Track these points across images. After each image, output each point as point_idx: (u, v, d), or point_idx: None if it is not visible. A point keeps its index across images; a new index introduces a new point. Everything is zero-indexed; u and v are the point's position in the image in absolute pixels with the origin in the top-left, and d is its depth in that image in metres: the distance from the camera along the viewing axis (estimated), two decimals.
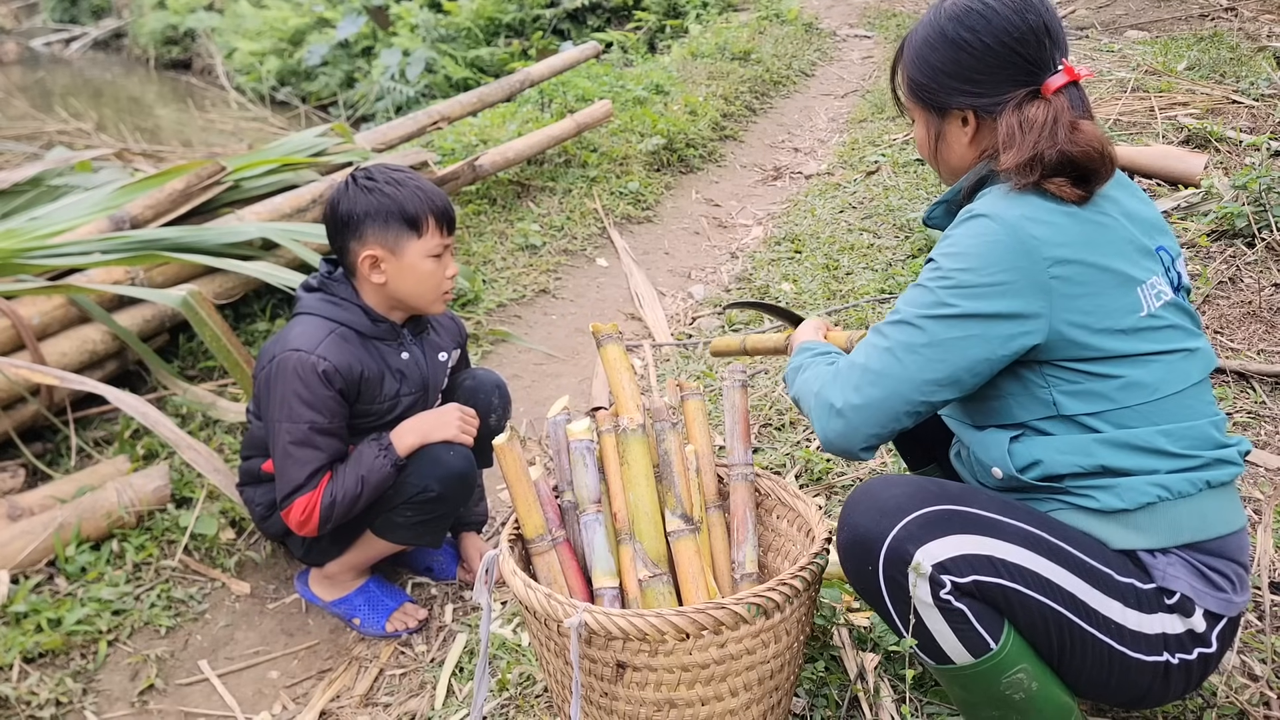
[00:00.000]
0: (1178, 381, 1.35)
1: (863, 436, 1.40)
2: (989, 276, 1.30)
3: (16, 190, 3.62)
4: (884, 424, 1.39)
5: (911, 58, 1.48)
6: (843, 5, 9.68)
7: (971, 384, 1.36)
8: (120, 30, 15.66)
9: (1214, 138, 4.08)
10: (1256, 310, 2.90)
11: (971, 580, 1.28)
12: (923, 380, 1.35)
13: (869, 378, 1.38)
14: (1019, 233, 1.30)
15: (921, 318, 1.35)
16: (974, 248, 1.32)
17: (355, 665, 2.19)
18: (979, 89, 1.41)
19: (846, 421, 1.40)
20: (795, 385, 1.56)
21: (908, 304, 1.38)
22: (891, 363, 1.37)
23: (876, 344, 1.40)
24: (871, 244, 4.00)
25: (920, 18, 1.50)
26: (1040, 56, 1.38)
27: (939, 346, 1.34)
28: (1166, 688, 1.35)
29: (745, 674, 1.49)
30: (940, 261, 1.36)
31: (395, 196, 1.98)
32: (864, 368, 1.39)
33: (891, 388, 1.36)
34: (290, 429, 1.96)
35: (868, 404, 1.38)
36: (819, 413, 1.44)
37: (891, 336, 1.38)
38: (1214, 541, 1.34)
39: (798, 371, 1.57)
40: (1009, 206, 1.33)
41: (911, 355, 1.35)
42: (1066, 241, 1.31)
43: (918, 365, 1.35)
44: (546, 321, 3.77)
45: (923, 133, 1.53)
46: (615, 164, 5.06)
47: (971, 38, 1.39)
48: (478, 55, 9.21)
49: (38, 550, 2.29)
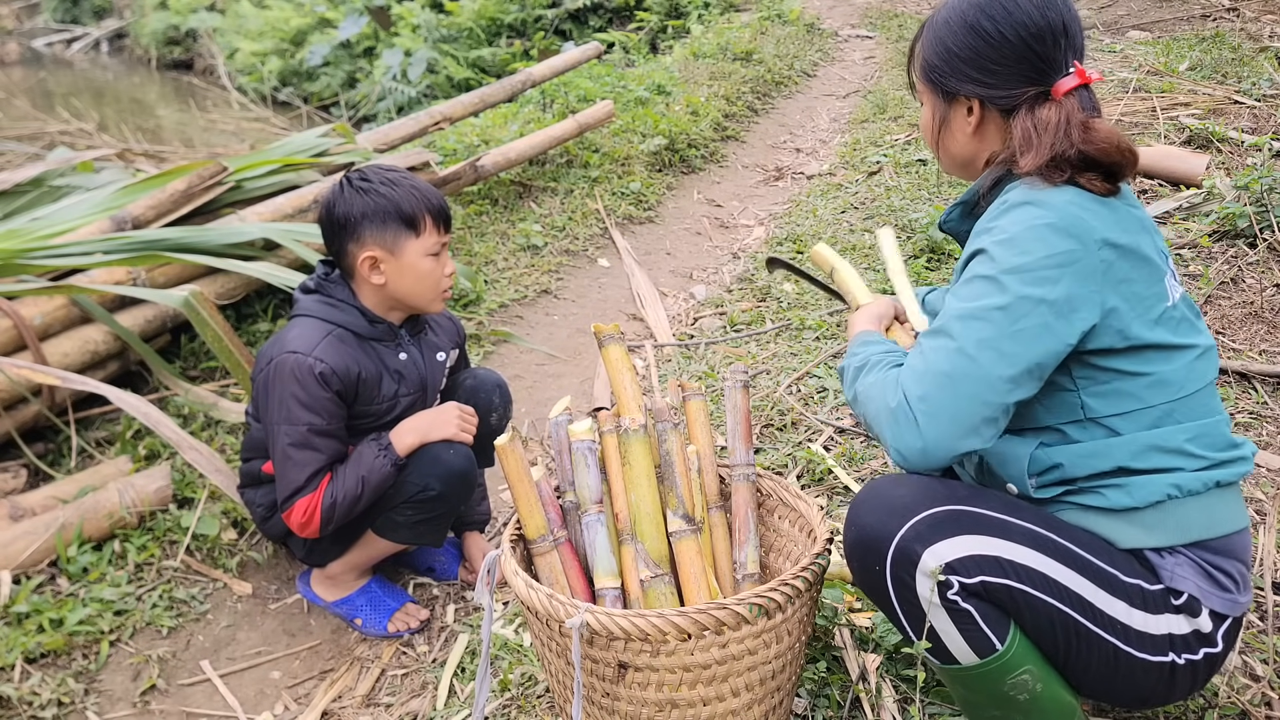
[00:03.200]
0: (1197, 380, 1.35)
1: (943, 453, 1.28)
2: (1046, 260, 1.28)
3: (18, 190, 3.63)
4: (964, 435, 1.27)
5: (930, 39, 1.48)
6: (844, 5, 9.67)
7: (1041, 379, 1.30)
8: (122, 30, 15.68)
9: (1216, 138, 4.08)
10: (1258, 311, 2.89)
11: (979, 581, 1.28)
12: (999, 377, 1.27)
13: (940, 382, 1.28)
14: (1068, 215, 1.29)
15: (987, 309, 1.28)
16: (1027, 233, 1.29)
17: (357, 665, 2.19)
18: (990, 79, 1.41)
19: (924, 438, 1.28)
20: (858, 384, 1.44)
21: (966, 299, 1.31)
22: (964, 363, 1.27)
23: (944, 345, 1.30)
24: (873, 245, 4.00)
25: (943, 2, 1.48)
26: (1054, 56, 1.38)
27: (1010, 338, 1.27)
28: (1172, 688, 1.35)
29: (747, 674, 1.49)
30: (993, 251, 1.31)
31: (391, 197, 1.98)
32: (935, 373, 1.29)
33: (969, 390, 1.27)
34: (289, 431, 1.96)
35: (943, 412, 1.27)
36: (892, 429, 1.32)
37: (959, 334, 1.29)
38: (1220, 540, 1.34)
39: (860, 371, 1.46)
40: (1052, 194, 1.32)
41: (985, 351, 1.27)
42: (1109, 226, 1.31)
43: (992, 361, 1.27)
44: (548, 322, 3.77)
45: (928, 116, 1.52)
46: (617, 164, 5.06)
47: (990, 26, 1.39)
48: (479, 55, 9.21)
49: (39, 550, 2.29)
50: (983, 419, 1.28)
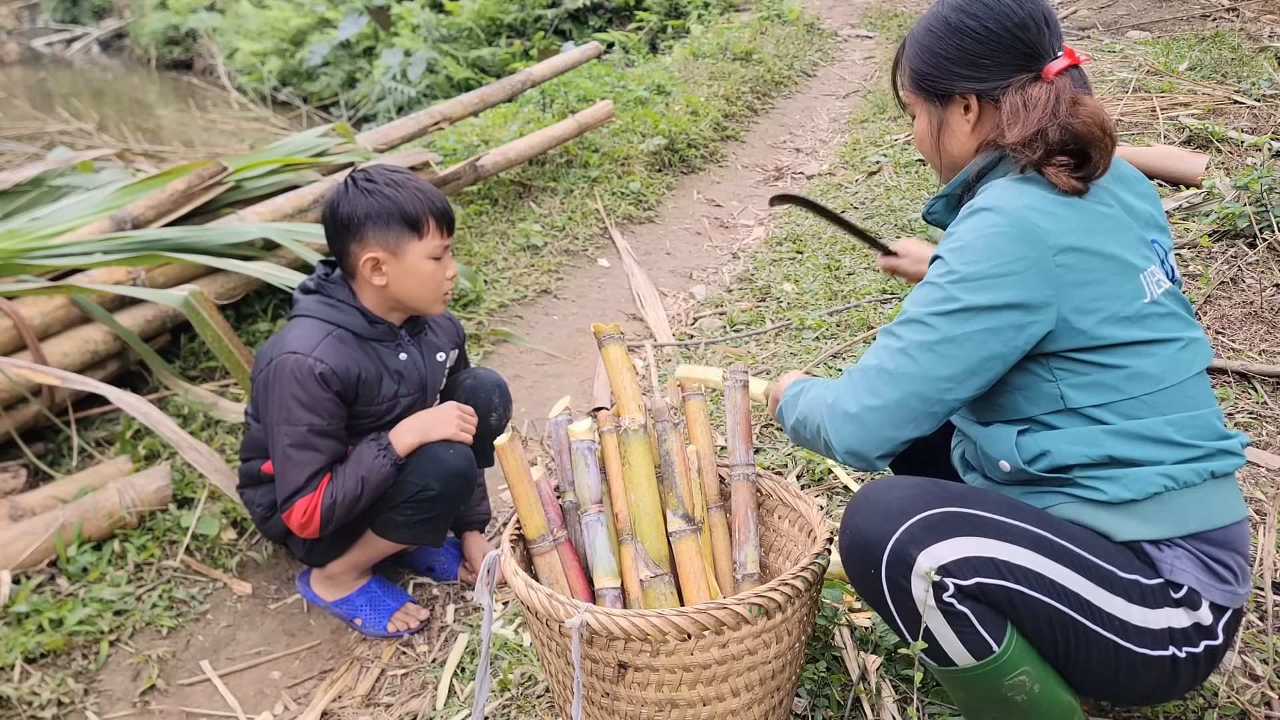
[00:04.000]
0: (1180, 371, 1.36)
1: (881, 440, 1.38)
2: (996, 268, 1.31)
3: (18, 190, 3.63)
4: (901, 425, 1.37)
5: (914, 50, 1.51)
6: (844, 5, 9.68)
7: (987, 379, 1.36)
8: (121, 30, 15.68)
9: (1215, 138, 4.08)
10: (1258, 311, 2.89)
11: (975, 583, 1.28)
12: (938, 377, 1.34)
13: (883, 379, 1.37)
14: (1023, 223, 1.32)
15: (932, 315, 1.35)
16: (979, 241, 1.33)
17: (357, 665, 2.19)
18: (982, 73, 1.43)
19: (863, 426, 1.38)
20: (798, 408, 1.53)
21: (917, 303, 1.37)
22: (906, 362, 1.36)
23: (889, 345, 1.39)
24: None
25: (919, 17, 1.52)
26: (1041, 43, 1.41)
27: (951, 342, 1.33)
28: (1174, 683, 1.35)
29: (747, 674, 1.49)
30: (947, 258, 1.36)
31: (395, 198, 1.98)
32: (878, 369, 1.38)
33: (908, 387, 1.35)
34: (289, 432, 1.96)
35: (885, 405, 1.37)
36: (833, 422, 1.42)
37: (904, 336, 1.37)
38: (1218, 532, 1.34)
39: (798, 397, 1.55)
40: (1011, 198, 1.34)
41: (925, 353, 1.34)
42: (1069, 230, 1.33)
43: (932, 362, 1.34)
44: (548, 322, 3.77)
45: (924, 126, 1.54)
46: (617, 164, 5.06)
47: (974, 24, 1.42)
48: (479, 55, 9.21)
49: (39, 550, 2.29)
50: (921, 412, 1.37)
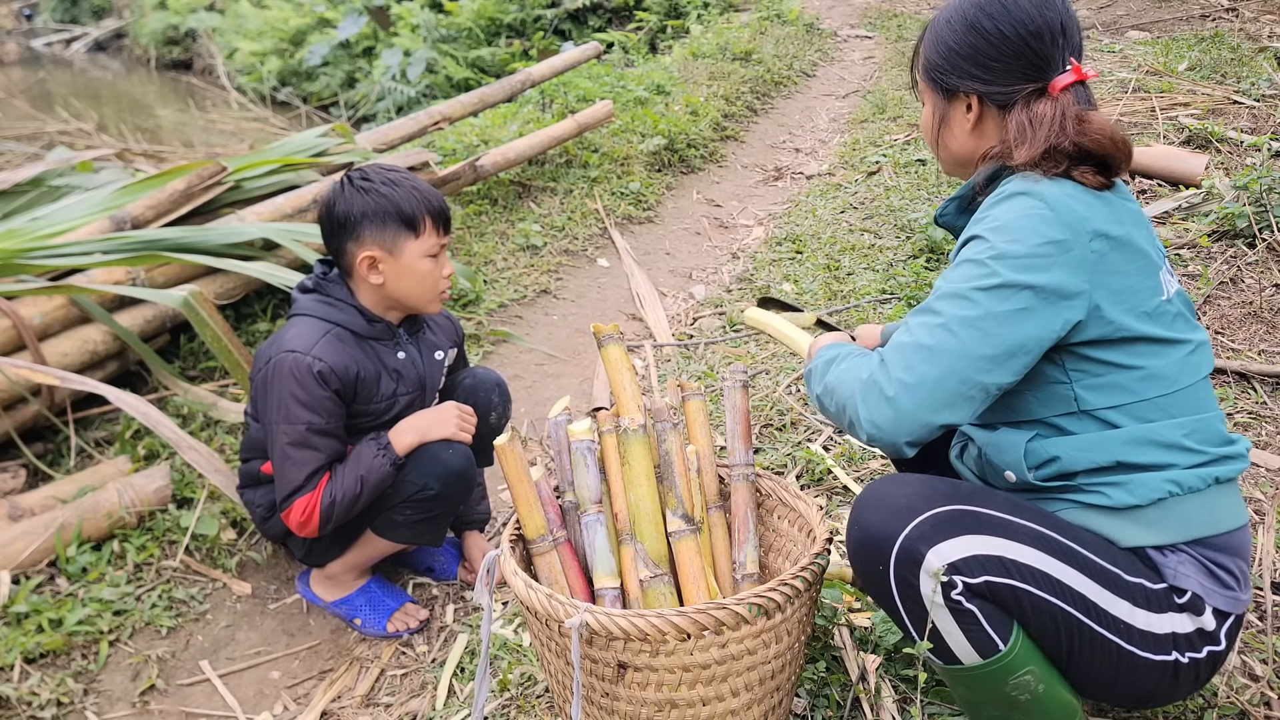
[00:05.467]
0: (1190, 374, 1.36)
1: (914, 425, 1.31)
2: (1037, 249, 1.30)
3: (17, 190, 3.62)
4: (937, 409, 1.30)
5: (931, 38, 1.51)
6: (844, 5, 9.68)
7: (1023, 365, 1.32)
8: (121, 30, 15.67)
9: (1215, 138, 4.08)
10: (1257, 311, 2.90)
11: (983, 581, 1.28)
12: (979, 355, 1.29)
13: (922, 355, 1.31)
14: (1061, 206, 1.32)
15: (975, 289, 1.31)
16: (1020, 221, 1.32)
17: (356, 665, 2.19)
18: (988, 76, 1.43)
19: (896, 407, 1.30)
20: (828, 375, 1.45)
21: (955, 280, 1.33)
22: (946, 337, 1.30)
23: (926, 321, 1.33)
24: (873, 244, 4.00)
25: (946, 3, 1.52)
26: (1051, 54, 1.41)
27: (993, 319, 1.29)
28: (1175, 686, 1.35)
29: (746, 674, 1.49)
30: (987, 236, 1.33)
31: (392, 197, 1.98)
32: (915, 345, 1.32)
33: (948, 364, 1.29)
34: (288, 431, 1.96)
35: (922, 383, 1.30)
36: (865, 399, 1.34)
37: (944, 311, 1.32)
38: (1221, 537, 1.34)
39: (830, 363, 1.47)
40: (1047, 185, 1.34)
41: (967, 328, 1.29)
42: (1103, 217, 1.33)
43: (974, 339, 1.29)
44: (547, 322, 3.77)
45: (928, 115, 1.55)
46: (616, 164, 5.06)
47: (990, 24, 1.42)
48: (479, 55, 9.21)
49: (39, 550, 2.29)
50: (959, 395, 1.30)
